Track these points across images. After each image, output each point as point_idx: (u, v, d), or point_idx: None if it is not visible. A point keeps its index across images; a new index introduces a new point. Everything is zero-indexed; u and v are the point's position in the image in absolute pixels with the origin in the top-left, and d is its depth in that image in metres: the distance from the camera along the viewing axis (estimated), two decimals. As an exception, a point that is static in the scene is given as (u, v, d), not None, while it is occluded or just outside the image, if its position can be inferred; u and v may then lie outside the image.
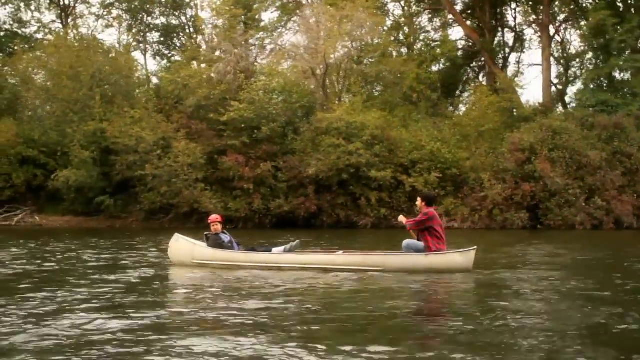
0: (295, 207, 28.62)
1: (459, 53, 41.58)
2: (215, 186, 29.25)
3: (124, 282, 8.95)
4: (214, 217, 11.03)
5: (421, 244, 9.87)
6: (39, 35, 47.69)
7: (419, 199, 10.30)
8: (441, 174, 28.68)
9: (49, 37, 47.25)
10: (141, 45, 48.59)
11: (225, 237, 10.85)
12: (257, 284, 8.76)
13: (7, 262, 11.77)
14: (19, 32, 48.10)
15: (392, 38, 35.26)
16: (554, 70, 42.09)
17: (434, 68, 39.42)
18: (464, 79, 44.93)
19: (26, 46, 41.96)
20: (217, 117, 29.73)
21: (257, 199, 28.57)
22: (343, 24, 30.65)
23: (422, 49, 40.75)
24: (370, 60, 32.23)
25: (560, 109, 38.13)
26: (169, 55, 51.39)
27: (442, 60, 39.09)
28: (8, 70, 36.76)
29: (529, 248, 16.23)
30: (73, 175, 29.13)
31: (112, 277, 9.44)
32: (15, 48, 37.89)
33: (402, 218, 10.32)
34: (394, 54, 35.10)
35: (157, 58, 50.47)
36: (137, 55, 46.69)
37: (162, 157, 28.96)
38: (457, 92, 44.12)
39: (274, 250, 10.79)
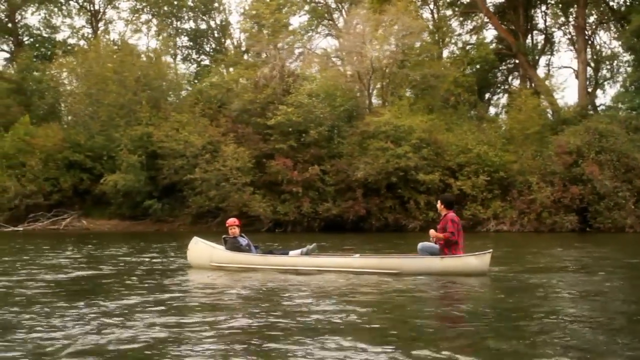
0: (343, 211, 28.73)
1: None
2: (263, 190, 29.38)
3: (190, 285, 9.09)
4: (231, 220, 11.12)
5: (436, 246, 9.87)
6: (72, 41, 48.14)
7: (438, 202, 10.27)
8: (489, 176, 28.73)
9: (81, 42, 47.79)
10: (171, 50, 48.81)
11: (243, 241, 10.94)
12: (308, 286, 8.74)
13: (79, 266, 11.82)
14: (52, 37, 48.65)
15: (429, 41, 35.22)
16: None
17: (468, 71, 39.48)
18: (495, 81, 45.00)
19: (59, 51, 42.34)
20: (264, 121, 29.84)
21: (305, 202, 28.68)
22: (388, 28, 30.75)
23: (457, 51, 40.86)
24: (408, 63, 32.26)
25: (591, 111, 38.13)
26: (199, 59, 51.84)
27: (476, 64, 39.03)
28: (49, 74, 37.02)
29: (577, 251, 16.21)
30: (121, 180, 29.33)
31: (176, 280, 9.55)
32: (57, 51, 38.12)
33: (432, 232, 10.03)
34: (434, 57, 35.06)
35: (187, 62, 51.01)
36: (166, 59, 47.07)
37: (211, 161, 29.12)
38: (488, 95, 44.29)
39: (291, 253, 10.87)
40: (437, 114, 30.96)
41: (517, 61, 41.89)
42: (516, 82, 43.97)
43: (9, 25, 48.60)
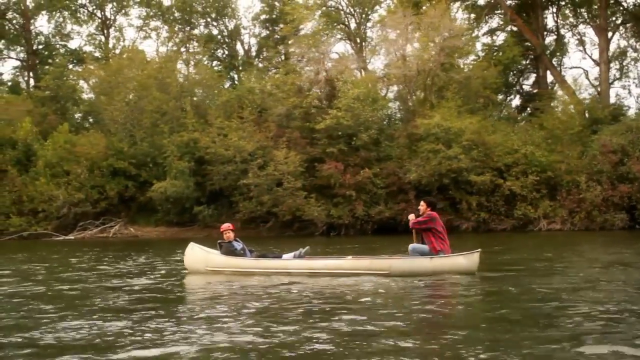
0: (396, 213, 28.94)
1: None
2: (314, 193, 29.47)
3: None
4: (225, 225, 11.44)
5: (426, 247, 10.29)
6: (89, 48, 47.76)
7: (422, 203, 10.81)
8: (537, 176, 29.19)
9: (89, 48, 47.48)
10: (184, 55, 48.68)
11: (238, 245, 11.20)
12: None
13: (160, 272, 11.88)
14: (66, 45, 48.27)
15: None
16: (595, 71, 43.04)
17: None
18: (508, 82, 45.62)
19: (73, 60, 42.04)
20: (313, 125, 29.97)
21: (358, 205, 28.86)
22: (431, 31, 31.10)
23: (482, 53, 41.36)
24: (447, 65, 32.65)
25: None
26: (212, 65, 51.78)
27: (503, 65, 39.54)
28: (75, 82, 36.73)
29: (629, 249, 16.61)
30: (171, 186, 29.21)
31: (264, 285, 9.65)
32: (100, 55, 37.80)
33: (412, 216, 10.67)
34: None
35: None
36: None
37: (263, 166, 29.18)
38: (501, 96, 44.93)
39: (284, 256, 11.14)
40: (480, 115, 31.33)
41: (526, 62, 42.70)
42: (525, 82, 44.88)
43: (23, 33, 48.23)
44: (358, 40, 41.54)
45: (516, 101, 45.86)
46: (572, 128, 30.83)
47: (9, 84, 45.07)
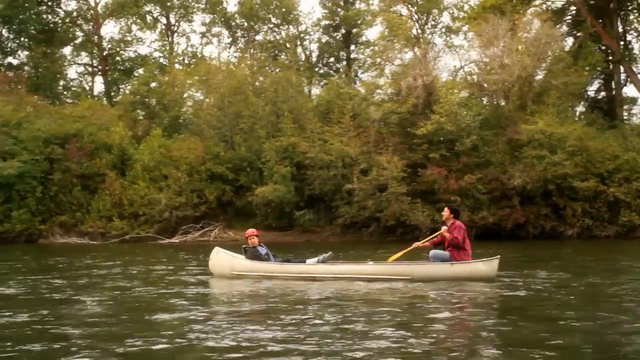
0: (500, 219, 28.87)
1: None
2: (417, 199, 29.46)
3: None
4: (250, 231, 11.75)
5: (447, 253, 10.56)
6: (156, 54, 48.22)
7: (446, 209, 11.07)
8: (642, 183, 29.02)
9: (158, 54, 47.94)
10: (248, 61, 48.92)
11: (262, 250, 11.46)
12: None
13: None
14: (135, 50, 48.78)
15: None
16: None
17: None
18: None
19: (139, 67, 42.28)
20: (413, 130, 29.99)
21: (463, 211, 28.76)
22: (529, 37, 31.12)
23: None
24: (545, 71, 32.62)
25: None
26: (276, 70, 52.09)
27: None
28: (164, 86, 37.04)
29: None
30: (273, 191, 29.31)
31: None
32: (172, 64, 38.19)
33: (444, 228, 10.89)
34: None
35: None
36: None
37: (365, 171, 29.24)
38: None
39: (308, 261, 11.30)
40: (582, 121, 31.24)
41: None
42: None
43: (93, 39, 48.80)
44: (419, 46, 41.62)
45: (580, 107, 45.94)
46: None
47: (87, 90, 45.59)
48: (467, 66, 34.64)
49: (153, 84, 38.87)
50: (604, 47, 40.26)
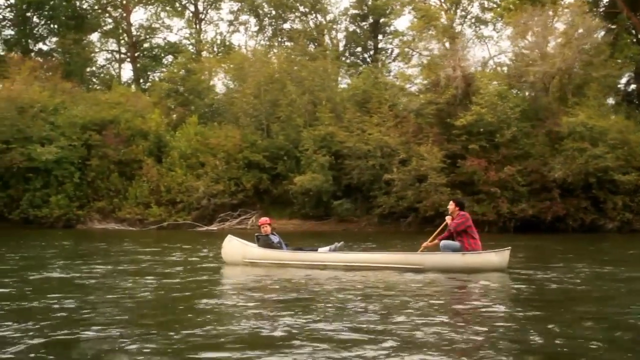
0: (540, 211, 28.73)
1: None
2: (456, 189, 29.35)
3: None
4: (263, 219, 11.98)
5: (458, 244, 10.63)
6: (185, 42, 48.20)
7: (452, 203, 11.20)
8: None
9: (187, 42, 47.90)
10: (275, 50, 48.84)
11: (275, 238, 11.58)
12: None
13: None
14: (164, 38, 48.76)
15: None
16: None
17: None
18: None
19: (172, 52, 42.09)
20: (452, 121, 29.85)
21: (503, 203, 28.69)
22: (569, 29, 30.82)
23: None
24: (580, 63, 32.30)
25: None
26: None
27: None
28: (198, 75, 37.04)
29: None
30: (312, 180, 29.31)
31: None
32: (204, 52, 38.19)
33: (448, 218, 11.00)
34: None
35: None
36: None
37: (404, 162, 29.17)
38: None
39: (320, 249, 11.44)
40: (623, 113, 30.99)
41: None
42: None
43: (122, 25, 48.88)
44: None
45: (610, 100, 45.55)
46: None
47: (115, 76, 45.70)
48: (497, 57, 34.22)
49: (182, 72, 38.92)
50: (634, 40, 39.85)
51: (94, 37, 50.04)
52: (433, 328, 5.88)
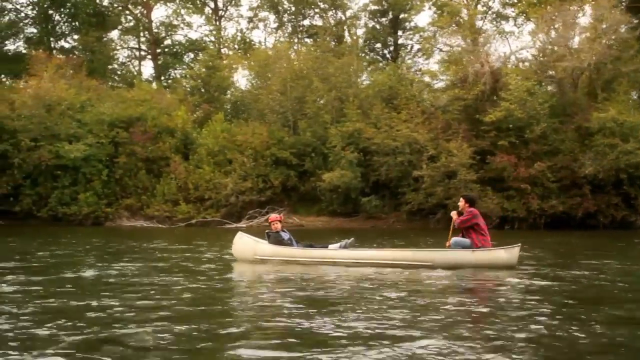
0: (571, 207, 28.59)
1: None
2: (485, 186, 29.26)
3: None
4: (273, 216, 11.99)
5: (468, 241, 10.63)
6: (206, 38, 48.21)
7: (462, 199, 11.18)
8: None
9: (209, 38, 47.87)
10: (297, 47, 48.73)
11: (285, 235, 11.60)
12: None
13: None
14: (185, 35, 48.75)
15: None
16: None
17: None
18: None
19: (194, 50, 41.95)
20: (481, 117, 29.72)
21: (533, 199, 28.56)
22: (597, 23, 30.58)
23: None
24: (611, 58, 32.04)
25: None
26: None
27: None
28: (222, 72, 37.06)
29: None
30: (341, 177, 29.29)
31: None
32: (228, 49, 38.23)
33: (454, 214, 11.03)
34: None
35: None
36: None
37: (433, 158, 29.10)
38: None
39: (330, 246, 11.40)
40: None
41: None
42: None
43: (143, 23, 48.95)
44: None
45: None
46: None
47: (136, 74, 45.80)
48: (519, 53, 33.97)
49: (203, 70, 38.95)
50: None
51: (114, 34, 50.26)
52: (467, 325, 5.95)
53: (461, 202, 11.09)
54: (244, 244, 11.66)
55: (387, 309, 6.71)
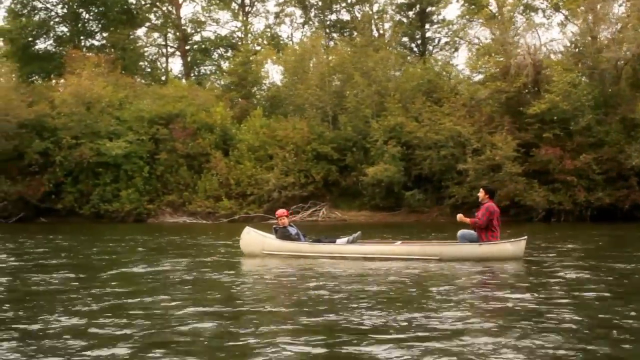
0: (617, 200, 28.35)
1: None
2: (530, 179, 29.07)
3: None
4: (280, 211, 11.96)
5: (475, 234, 10.60)
6: (238, 34, 48.20)
7: (482, 190, 11.05)
8: None
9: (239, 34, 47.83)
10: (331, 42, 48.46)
11: (292, 230, 11.64)
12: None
13: None
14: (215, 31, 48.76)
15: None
16: None
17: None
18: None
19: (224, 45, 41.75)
20: (525, 110, 29.52)
21: (579, 192, 28.35)
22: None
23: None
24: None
25: None
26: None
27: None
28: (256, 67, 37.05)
29: None
30: (385, 171, 29.21)
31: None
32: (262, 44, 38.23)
33: (461, 217, 10.86)
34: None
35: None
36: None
37: (478, 151, 28.95)
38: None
39: (338, 241, 11.42)
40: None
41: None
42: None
43: (172, 20, 48.99)
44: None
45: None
46: None
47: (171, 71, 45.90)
48: (549, 44, 33.64)
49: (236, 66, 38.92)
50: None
51: (140, 32, 50.32)
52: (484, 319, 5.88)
53: (481, 193, 11.02)
54: (252, 238, 11.72)
55: (436, 303, 6.68)
